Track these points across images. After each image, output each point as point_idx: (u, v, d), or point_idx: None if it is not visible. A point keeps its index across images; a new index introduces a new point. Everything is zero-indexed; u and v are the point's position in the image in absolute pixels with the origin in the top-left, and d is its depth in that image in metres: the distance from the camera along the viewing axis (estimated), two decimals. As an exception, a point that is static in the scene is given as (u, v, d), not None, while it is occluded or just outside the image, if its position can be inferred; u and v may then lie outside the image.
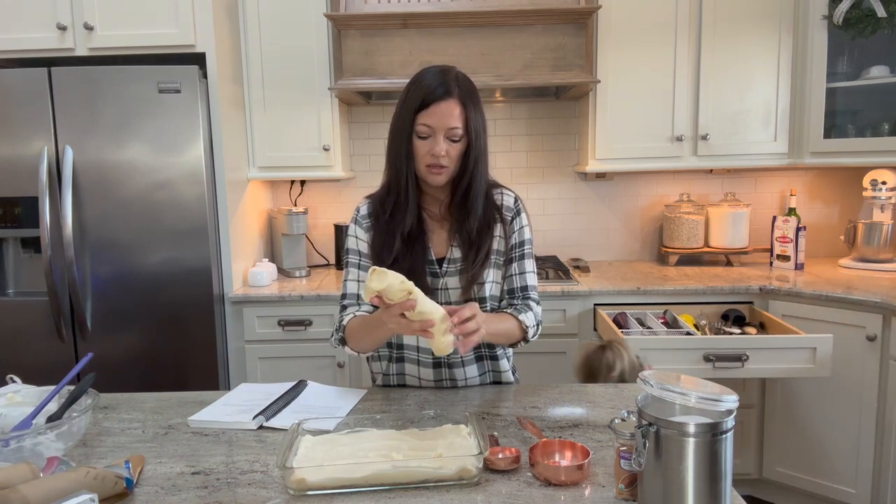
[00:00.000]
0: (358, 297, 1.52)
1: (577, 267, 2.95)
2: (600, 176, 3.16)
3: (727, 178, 3.17)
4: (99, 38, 2.46)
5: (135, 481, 1.10)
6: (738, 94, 2.77)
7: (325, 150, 2.79)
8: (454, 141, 1.41)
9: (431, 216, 1.52)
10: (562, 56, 2.67)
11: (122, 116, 2.39)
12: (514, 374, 1.64)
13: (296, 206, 3.18)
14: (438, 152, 1.39)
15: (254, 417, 1.34)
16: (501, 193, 1.56)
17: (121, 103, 2.38)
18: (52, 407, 1.23)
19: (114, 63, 2.42)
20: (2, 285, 2.53)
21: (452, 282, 1.49)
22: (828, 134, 2.74)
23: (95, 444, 1.27)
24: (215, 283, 2.51)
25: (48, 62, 2.47)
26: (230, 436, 1.29)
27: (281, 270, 2.98)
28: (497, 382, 1.59)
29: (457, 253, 1.49)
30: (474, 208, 1.47)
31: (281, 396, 1.46)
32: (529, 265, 1.55)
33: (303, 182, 3.18)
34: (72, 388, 1.26)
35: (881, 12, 2.55)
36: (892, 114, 2.74)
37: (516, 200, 1.57)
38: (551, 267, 2.77)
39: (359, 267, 1.53)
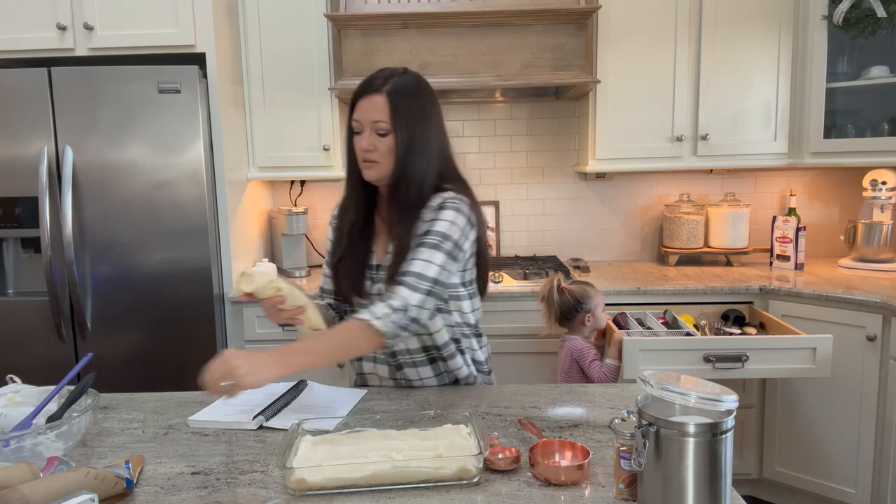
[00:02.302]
0: (322, 289, 1.64)
1: (577, 267, 2.95)
2: (600, 176, 3.16)
3: (727, 178, 3.17)
4: (99, 38, 2.46)
5: (135, 481, 1.10)
6: (738, 94, 2.77)
7: (325, 150, 2.79)
8: (381, 135, 1.40)
9: (382, 219, 1.52)
10: (562, 56, 2.67)
11: (122, 116, 2.39)
12: (480, 372, 1.58)
13: (296, 206, 3.18)
14: (362, 146, 1.41)
15: (254, 417, 1.34)
16: (438, 195, 1.44)
17: (121, 103, 2.38)
18: (52, 407, 1.23)
19: (114, 63, 2.42)
20: (2, 285, 2.53)
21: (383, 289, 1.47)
22: (828, 134, 2.74)
23: (95, 444, 1.27)
24: (215, 283, 2.51)
25: (48, 62, 2.47)
26: (230, 436, 1.29)
27: (281, 270, 2.98)
28: (457, 382, 1.56)
29: (389, 260, 1.45)
30: (402, 207, 1.42)
31: (281, 396, 1.46)
32: (427, 254, 1.35)
33: (303, 182, 3.18)
34: (72, 388, 1.26)
35: (881, 12, 2.55)
36: (892, 114, 2.75)
37: (446, 200, 1.42)
38: (551, 267, 2.77)
39: (328, 264, 1.60)
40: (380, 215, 1.53)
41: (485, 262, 1.56)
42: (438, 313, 1.48)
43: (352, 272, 1.51)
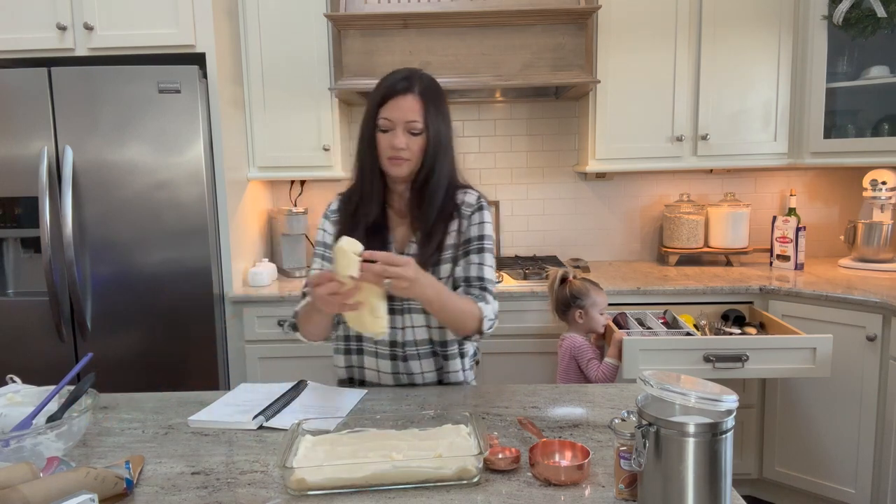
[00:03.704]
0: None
1: (577, 267, 2.94)
2: (600, 176, 3.16)
3: (727, 178, 3.17)
4: (99, 38, 2.46)
5: (135, 481, 1.10)
6: (738, 94, 2.77)
7: (325, 150, 2.79)
8: (413, 134, 1.45)
9: (396, 212, 1.56)
10: (562, 56, 2.67)
11: (122, 116, 2.39)
12: (465, 374, 1.61)
13: (296, 206, 3.18)
14: (397, 144, 1.43)
15: (254, 417, 1.34)
16: (465, 192, 1.57)
17: (121, 103, 2.38)
18: (52, 407, 1.23)
19: (114, 63, 2.42)
20: (2, 285, 2.53)
21: None
22: (828, 134, 2.74)
23: (95, 444, 1.27)
24: (215, 283, 2.51)
25: (48, 62, 2.47)
26: (230, 436, 1.29)
27: (281, 270, 2.98)
28: (446, 382, 1.59)
29: (414, 248, 1.52)
30: (432, 201, 1.49)
31: (281, 396, 1.46)
32: (489, 259, 1.53)
33: (303, 182, 3.18)
34: (72, 388, 1.26)
35: (881, 12, 2.55)
36: (892, 114, 2.74)
37: (479, 198, 1.57)
38: (552, 267, 2.76)
39: (323, 258, 1.58)
40: (392, 207, 1.56)
41: None
42: None
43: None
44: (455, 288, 1.53)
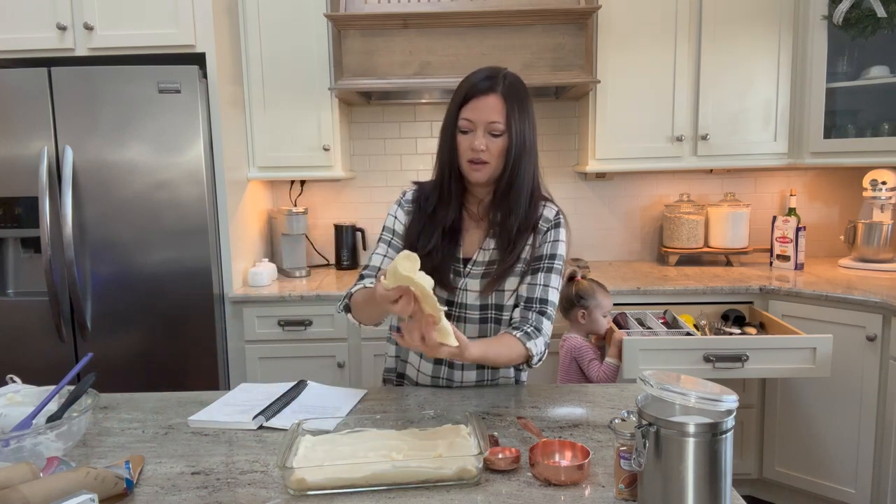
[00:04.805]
0: (378, 269, 1.52)
1: (577, 267, 2.94)
2: (600, 176, 3.16)
3: (727, 178, 3.17)
4: (99, 38, 2.46)
5: (135, 481, 1.10)
6: (738, 94, 2.77)
7: (325, 150, 2.79)
8: (495, 136, 1.40)
9: (470, 215, 1.53)
10: (562, 56, 2.67)
11: (122, 116, 2.39)
12: (517, 381, 1.62)
13: (296, 206, 3.18)
14: (477, 146, 1.39)
15: (254, 417, 1.34)
16: (545, 206, 1.52)
17: (121, 103, 2.38)
18: (52, 407, 1.23)
19: (114, 63, 2.42)
20: (2, 285, 2.53)
21: (472, 283, 1.49)
22: (828, 134, 2.74)
23: (95, 444, 1.27)
24: (215, 283, 2.51)
25: (48, 62, 2.47)
26: (230, 436, 1.29)
27: (281, 270, 2.98)
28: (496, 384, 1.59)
29: (483, 256, 1.49)
30: (515, 206, 1.44)
31: (281, 396, 1.46)
32: (555, 281, 1.47)
33: (303, 182, 3.18)
34: (72, 388, 1.26)
35: (881, 12, 2.55)
36: (892, 114, 2.74)
37: (558, 214, 1.52)
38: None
39: (389, 244, 1.54)
40: (467, 210, 1.52)
41: None
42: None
43: (442, 265, 1.47)
44: (515, 305, 1.49)
